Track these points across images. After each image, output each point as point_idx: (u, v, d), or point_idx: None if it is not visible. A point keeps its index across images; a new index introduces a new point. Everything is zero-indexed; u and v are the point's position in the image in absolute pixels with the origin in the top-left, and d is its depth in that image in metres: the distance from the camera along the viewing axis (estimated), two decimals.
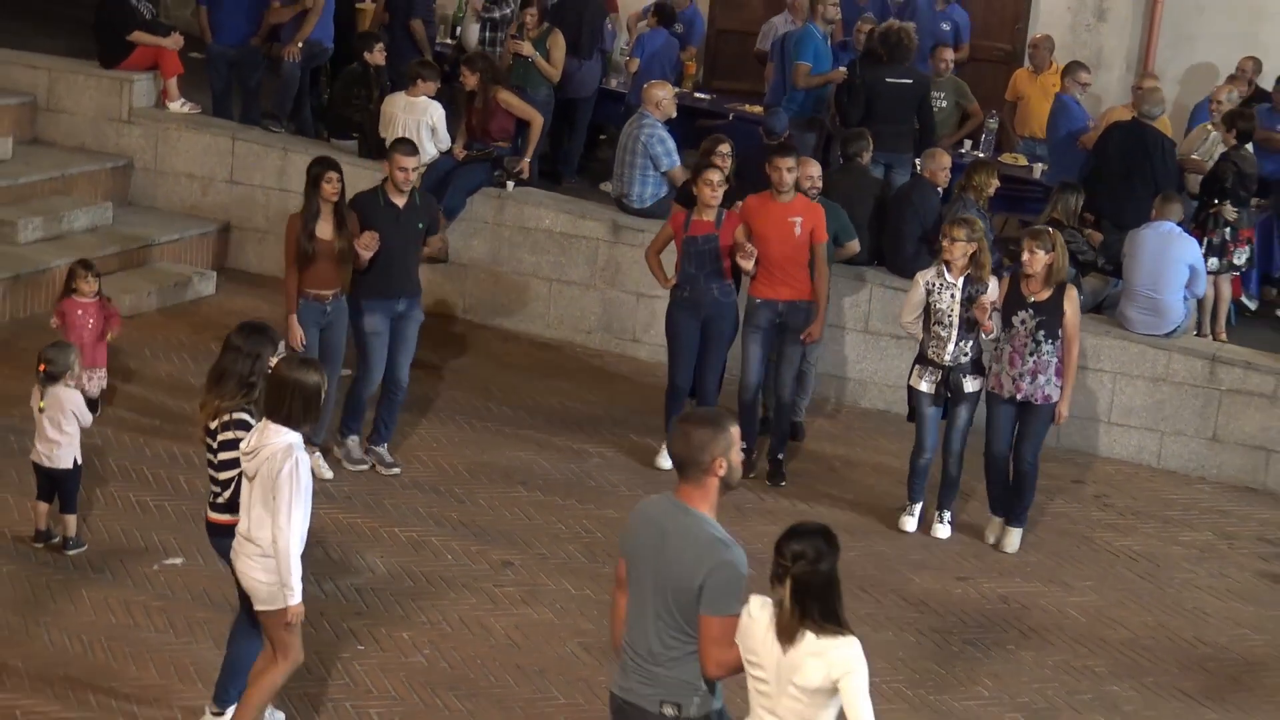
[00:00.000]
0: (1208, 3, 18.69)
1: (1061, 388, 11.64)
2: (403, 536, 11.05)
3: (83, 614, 9.50)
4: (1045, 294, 11.45)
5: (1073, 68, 16.69)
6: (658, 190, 14.84)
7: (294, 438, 7.52)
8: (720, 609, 6.14)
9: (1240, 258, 15.19)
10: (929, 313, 11.66)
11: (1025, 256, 11.39)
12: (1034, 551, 12.06)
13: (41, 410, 9.92)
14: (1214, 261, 14.41)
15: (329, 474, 11.71)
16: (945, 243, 11.60)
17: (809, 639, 5.90)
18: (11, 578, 9.78)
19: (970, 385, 11.75)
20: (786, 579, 5.91)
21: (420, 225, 11.92)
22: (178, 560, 10.26)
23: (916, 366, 11.91)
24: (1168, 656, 10.74)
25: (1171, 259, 13.30)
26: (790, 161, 12.27)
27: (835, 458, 13.37)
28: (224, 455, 8.03)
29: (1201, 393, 13.85)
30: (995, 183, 13.79)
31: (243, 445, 7.78)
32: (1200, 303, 14.50)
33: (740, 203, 12.52)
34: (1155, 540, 12.52)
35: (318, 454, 11.45)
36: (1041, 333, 11.44)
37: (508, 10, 17.31)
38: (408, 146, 11.85)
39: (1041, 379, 11.54)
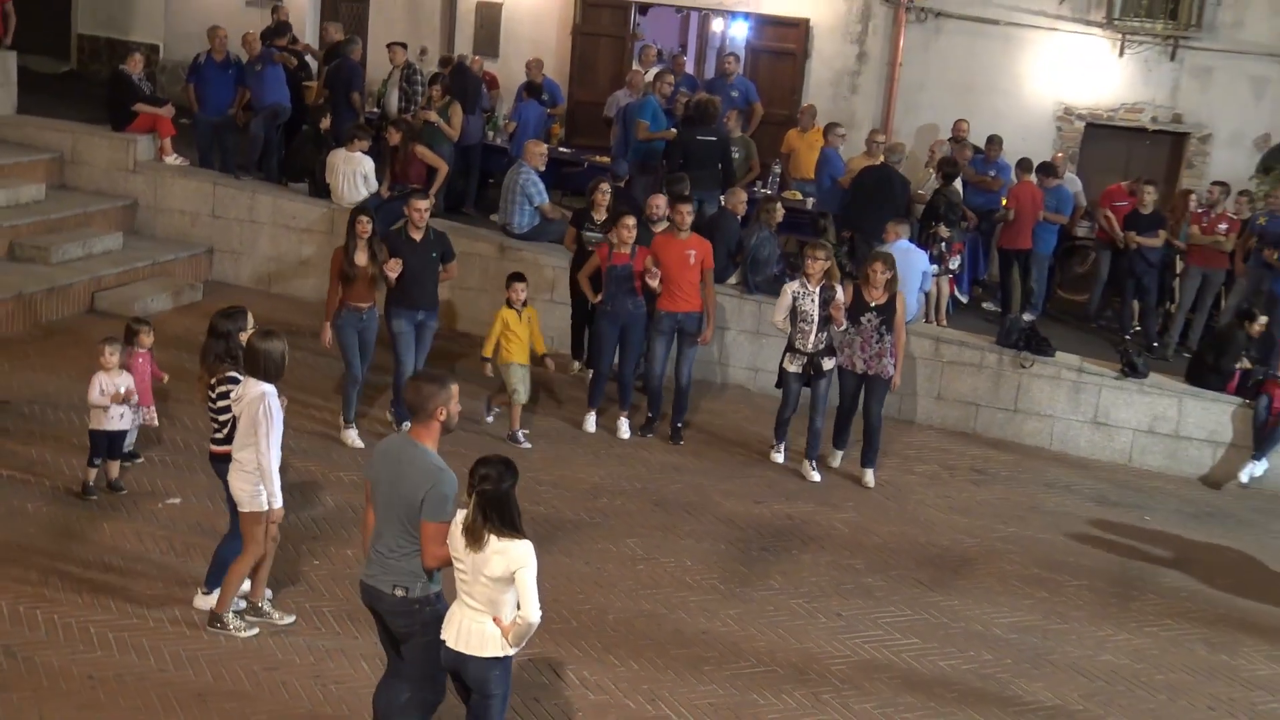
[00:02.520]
0: (929, 82, 18.91)
1: (895, 364, 12.05)
2: (346, 479, 10.95)
3: (104, 541, 9.39)
4: (883, 299, 11.95)
5: (832, 127, 16.78)
6: (532, 220, 14.82)
7: (267, 388, 7.95)
8: (435, 516, 6.50)
9: (954, 264, 15.52)
10: (794, 314, 11.94)
11: (874, 276, 11.90)
12: (810, 482, 12.24)
13: None
14: (935, 267, 14.65)
15: (360, 444, 11.59)
16: (808, 260, 11.97)
17: (493, 541, 6.21)
18: (49, 516, 9.65)
19: (827, 364, 12.09)
20: (473, 494, 6.24)
21: (434, 254, 11.78)
22: (176, 500, 10.14)
23: (787, 354, 12.20)
24: (907, 556, 10.94)
25: (912, 268, 13.48)
26: (689, 208, 12.56)
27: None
28: (220, 404, 8.50)
29: (929, 364, 14.12)
30: (781, 212, 14.03)
31: (232, 395, 8.26)
32: (926, 297, 14.73)
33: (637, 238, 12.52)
34: (897, 471, 12.71)
35: (353, 428, 11.76)
36: (883, 328, 11.93)
37: (419, 86, 17.19)
38: (421, 194, 12.06)
39: (885, 360, 11.97)
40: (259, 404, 7.88)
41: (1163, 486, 13.49)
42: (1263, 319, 14.02)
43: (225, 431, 8.42)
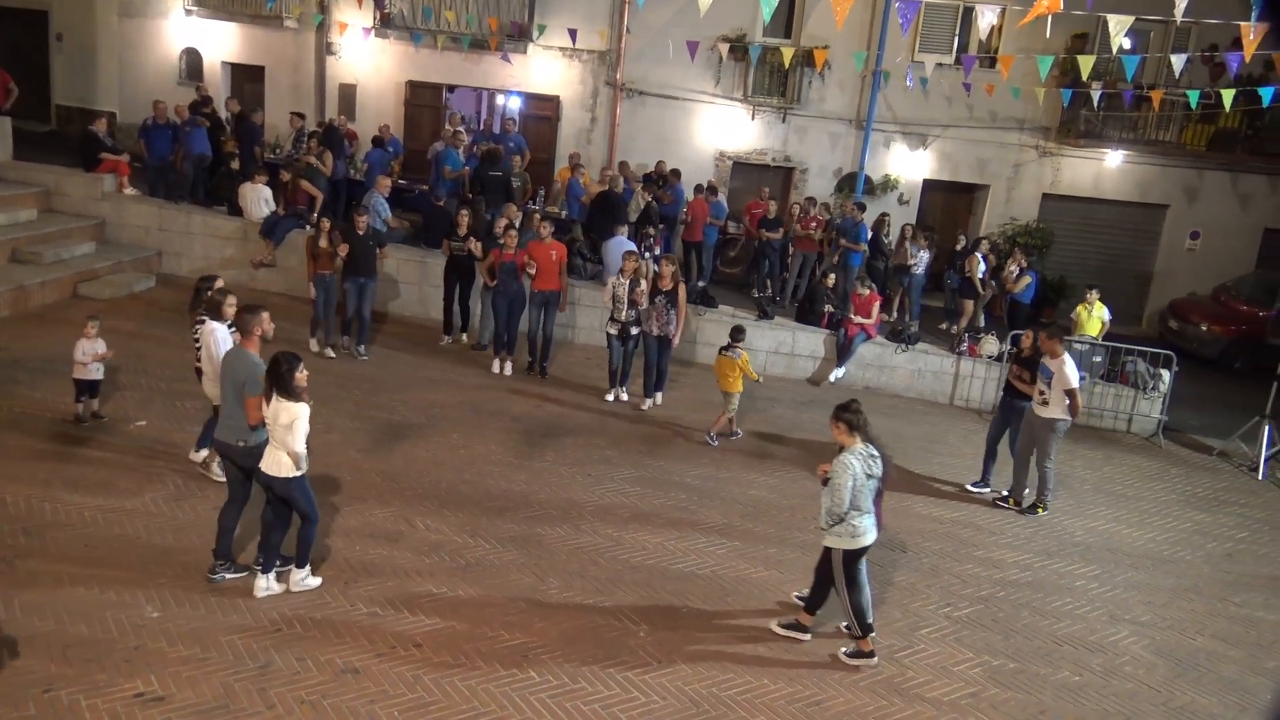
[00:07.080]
0: (637, 135, 18.91)
1: (677, 329, 11.72)
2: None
3: (92, 453, 8.80)
4: (670, 285, 11.62)
5: (580, 167, 16.66)
6: (382, 229, 14.19)
7: (215, 324, 7.86)
8: (252, 392, 6.77)
9: (657, 251, 15.46)
10: (615, 297, 11.67)
11: (663, 270, 11.59)
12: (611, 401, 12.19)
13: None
14: (648, 254, 14.61)
15: (332, 355, 12.06)
16: (627, 263, 11.60)
17: (278, 401, 6.54)
18: (53, 437, 8.97)
19: (634, 330, 11.79)
20: (268, 374, 6.58)
21: (371, 243, 12.04)
22: (142, 422, 9.52)
23: (610, 321, 11.85)
24: (632, 436, 10.93)
25: (618, 255, 13.30)
26: (550, 225, 12.39)
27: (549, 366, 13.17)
28: (195, 336, 8.40)
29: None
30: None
31: (201, 331, 8.11)
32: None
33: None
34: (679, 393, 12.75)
35: (314, 340, 12.12)
36: (669, 305, 11.62)
37: (302, 143, 16.41)
38: (362, 210, 12.23)
39: (670, 326, 11.67)
40: (210, 335, 7.85)
41: (785, 386, 13.90)
42: (833, 277, 14.68)
43: (199, 353, 8.29)
